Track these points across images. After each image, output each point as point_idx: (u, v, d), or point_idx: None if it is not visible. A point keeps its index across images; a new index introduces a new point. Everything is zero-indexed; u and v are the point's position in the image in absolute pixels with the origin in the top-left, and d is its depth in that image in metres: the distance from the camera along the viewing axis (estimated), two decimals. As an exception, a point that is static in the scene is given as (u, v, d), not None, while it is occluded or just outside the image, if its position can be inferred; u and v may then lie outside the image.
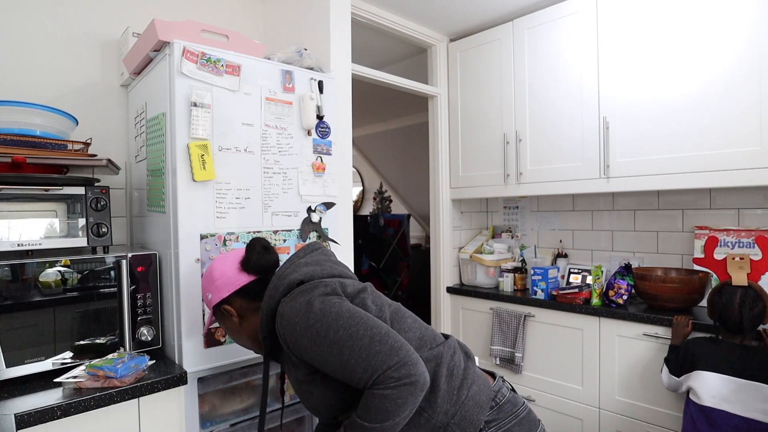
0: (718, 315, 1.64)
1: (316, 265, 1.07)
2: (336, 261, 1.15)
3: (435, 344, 1.03)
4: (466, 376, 0.99)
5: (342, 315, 0.92)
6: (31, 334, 1.22)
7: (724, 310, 1.61)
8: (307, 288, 0.99)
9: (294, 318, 0.94)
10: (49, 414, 1.07)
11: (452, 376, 0.98)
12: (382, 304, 1.04)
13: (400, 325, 1.02)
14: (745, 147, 1.78)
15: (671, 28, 1.94)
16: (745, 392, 1.50)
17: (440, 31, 2.74)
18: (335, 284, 0.99)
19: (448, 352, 1.02)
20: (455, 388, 0.97)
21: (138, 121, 1.67)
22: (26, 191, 1.29)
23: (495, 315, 2.44)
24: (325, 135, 1.71)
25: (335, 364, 0.90)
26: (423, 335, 1.04)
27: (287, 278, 1.03)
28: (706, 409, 1.55)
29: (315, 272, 1.04)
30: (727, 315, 1.60)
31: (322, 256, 1.12)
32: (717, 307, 1.65)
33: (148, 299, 1.40)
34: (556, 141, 2.31)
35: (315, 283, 1.00)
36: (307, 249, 1.14)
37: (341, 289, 0.99)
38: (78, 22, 1.72)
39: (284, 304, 0.98)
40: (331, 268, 1.08)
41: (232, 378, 1.52)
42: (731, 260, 1.97)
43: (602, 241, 2.54)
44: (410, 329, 1.03)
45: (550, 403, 2.27)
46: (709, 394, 1.55)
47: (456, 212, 2.87)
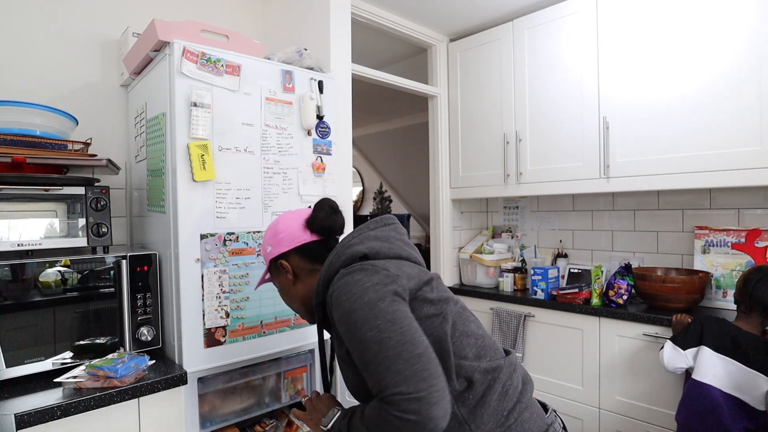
0: (752, 290, 1.58)
1: (384, 241, 1.00)
2: (406, 241, 1.05)
3: (495, 357, 0.94)
4: (521, 400, 0.91)
5: (383, 315, 0.82)
6: (31, 334, 1.22)
7: (760, 284, 1.56)
8: (369, 269, 0.90)
9: (342, 296, 0.88)
10: (49, 414, 1.07)
11: (506, 395, 0.90)
12: (446, 299, 0.95)
13: (463, 327, 0.93)
14: (745, 147, 1.78)
15: (671, 28, 1.94)
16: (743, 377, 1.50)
17: (440, 31, 2.74)
18: (399, 276, 0.89)
19: (508, 369, 0.93)
20: (506, 408, 0.89)
21: (138, 121, 1.67)
22: (26, 191, 1.29)
23: (495, 315, 2.44)
24: (325, 135, 1.71)
25: (357, 357, 0.85)
26: (485, 344, 0.94)
27: (352, 248, 0.97)
28: (704, 385, 1.55)
29: (382, 249, 0.97)
30: (762, 290, 1.55)
31: (393, 233, 1.03)
32: (752, 282, 1.59)
33: (148, 299, 1.40)
34: (556, 141, 2.31)
35: (378, 266, 0.90)
36: (379, 221, 1.06)
37: (403, 283, 0.89)
38: (78, 22, 1.72)
39: (341, 277, 0.91)
40: (399, 248, 0.99)
41: (232, 378, 1.52)
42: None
43: (602, 241, 2.54)
44: (472, 335, 0.93)
45: (550, 403, 2.26)
46: (711, 372, 1.55)
47: (456, 212, 2.87)
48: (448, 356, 0.87)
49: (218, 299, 1.43)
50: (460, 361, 0.88)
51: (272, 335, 1.56)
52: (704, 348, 1.58)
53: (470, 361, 0.89)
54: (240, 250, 1.48)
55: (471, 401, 0.87)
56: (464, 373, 0.88)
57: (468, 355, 0.90)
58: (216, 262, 1.43)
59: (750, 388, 1.49)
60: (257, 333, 1.52)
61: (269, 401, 1.61)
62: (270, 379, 1.62)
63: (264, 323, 1.54)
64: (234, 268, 1.47)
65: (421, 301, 0.91)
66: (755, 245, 2.00)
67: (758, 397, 1.48)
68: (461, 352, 0.90)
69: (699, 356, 1.60)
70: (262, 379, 1.60)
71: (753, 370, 1.49)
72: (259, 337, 1.52)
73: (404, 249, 1.00)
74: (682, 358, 1.66)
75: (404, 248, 1.01)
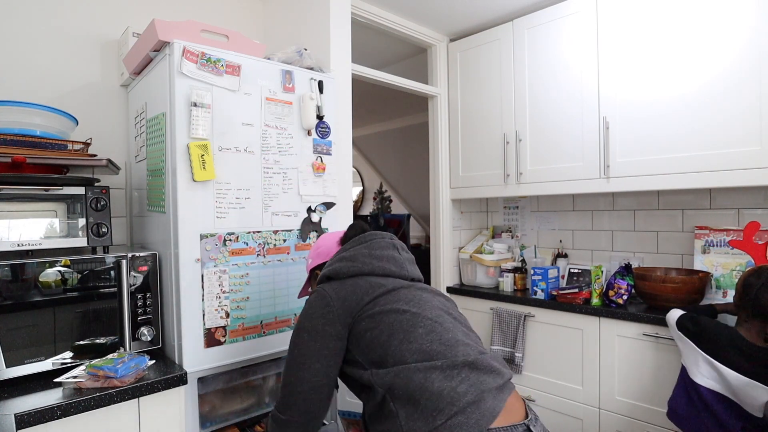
0: (754, 297, 1.53)
1: (350, 260, 1.14)
2: (378, 255, 1.15)
3: (442, 358, 0.96)
4: (454, 403, 0.89)
5: (298, 346, 1.06)
6: (31, 334, 1.22)
7: (762, 290, 1.52)
8: (319, 293, 1.09)
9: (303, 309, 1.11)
10: (49, 414, 1.07)
11: (440, 396, 0.90)
12: (388, 311, 1.03)
13: (404, 335, 0.99)
14: (745, 147, 1.78)
15: (671, 28, 1.94)
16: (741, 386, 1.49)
17: (440, 31, 2.74)
18: (334, 304, 1.05)
19: (454, 371, 0.94)
20: (435, 409, 0.89)
21: (138, 121, 1.67)
22: (26, 191, 1.29)
23: (495, 315, 2.44)
24: (325, 135, 1.71)
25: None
26: (430, 349, 0.97)
27: (324, 270, 1.17)
28: (699, 386, 1.55)
29: (342, 269, 1.13)
30: (765, 296, 1.51)
31: (364, 250, 1.16)
32: (753, 288, 1.54)
33: (148, 299, 1.40)
34: (556, 141, 2.31)
35: (327, 292, 1.08)
36: (356, 240, 1.20)
37: (341, 304, 1.05)
38: (78, 22, 1.72)
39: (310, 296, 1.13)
40: (362, 266, 1.13)
41: (232, 378, 1.52)
42: None
43: (602, 241, 2.54)
44: (416, 341, 0.98)
45: (550, 403, 2.27)
46: (707, 375, 1.54)
47: (456, 212, 2.87)
48: (384, 361, 0.98)
49: (218, 299, 1.43)
50: (397, 366, 0.96)
51: (272, 335, 1.56)
52: (701, 353, 1.58)
53: (407, 364, 0.95)
54: (240, 250, 1.48)
55: (403, 399, 0.93)
56: (398, 373, 0.95)
57: (408, 360, 0.96)
58: (216, 262, 1.43)
59: (747, 396, 1.47)
60: (257, 333, 1.52)
61: (269, 401, 1.61)
62: (270, 379, 1.62)
63: (264, 323, 1.54)
64: (234, 268, 1.47)
65: (361, 318, 1.04)
66: (754, 242, 1.98)
67: (757, 406, 1.47)
68: (402, 359, 0.97)
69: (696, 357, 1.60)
70: (262, 379, 1.60)
71: (753, 381, 1.47)
72: (259, 337, 1.52)
73: (368, 265, 1.13)
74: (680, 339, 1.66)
75: (370, 263, 1.13)
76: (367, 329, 1.02)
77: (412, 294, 1.09)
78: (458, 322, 1.08)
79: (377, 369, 0.98)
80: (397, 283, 1.11)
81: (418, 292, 1.10)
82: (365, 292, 1.06)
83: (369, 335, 1.01)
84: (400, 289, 1.09)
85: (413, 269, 1.21)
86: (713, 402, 1.52)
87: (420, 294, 1.10)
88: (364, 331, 1.02)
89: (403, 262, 1.18)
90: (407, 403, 0.92)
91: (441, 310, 1.08)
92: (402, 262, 1.18)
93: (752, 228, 2.00)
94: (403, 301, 1.06)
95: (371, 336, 1.01)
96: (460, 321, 1.10)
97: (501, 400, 0.94)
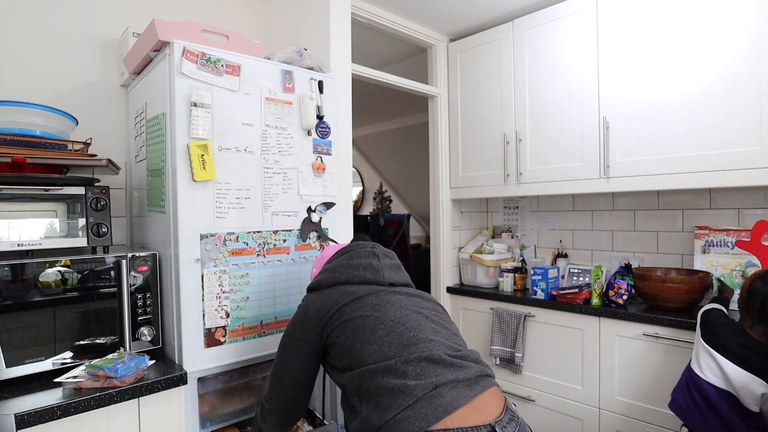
0: (759, 304, 1.50)
1: (330, 272, 1.23)
2: (355, 264, 1.23)
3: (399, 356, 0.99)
4: (405, 398, 0.91)
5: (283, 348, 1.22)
6: (31, 334, 1.22)
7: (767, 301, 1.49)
8: (302, 304, 1.21)
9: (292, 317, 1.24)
10: (49, 414, 1.07)
11: (392, 392, 0.93)
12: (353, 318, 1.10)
13: (366, 338, 1.05)
14: (745, 147, 1.78)
15: (671, 28, 1.94)
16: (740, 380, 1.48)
17: (440, 31, 2.74)
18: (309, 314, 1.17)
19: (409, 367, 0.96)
20: (389, 405, 0.92)
21: (138, 121, 1.67)
22: (26, 191, 1.29)
23: (495, 315, 2.44)
24: (325, 135, 1.71)
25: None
26: (388, 349, 1.01)
27: (310, 282, 1.27)
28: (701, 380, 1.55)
29: (323, 280, 1.23)
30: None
31: (344, 261, 1.25)
32: (759, 295, 1.50)
33: (148, 299, 1.40)
34: (556, 141, 2.31)
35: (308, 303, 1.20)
36: (339, 252, 1.29)
37: (314, 313, 1.16)
38: (78, 22, 1.72)
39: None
40: (339, 275, 1.21)
41: (232, 378, 1.52)
42: None
43: (602, 241, 2.54)
44: (375, 342, 1.03)
45: (550, 403, 2.27)
46: (707, 368, 1.54)
47: (456, 212, 2.87)
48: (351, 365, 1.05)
49: (218, 299, 1.43)
50: (360, 368, 1.02)
51: (272, 335, 1.56)
52: (703, 343, 1.58)
53: (367, 366, 1.01)
54: (240, 250, 1.48)
55: (366, 398, 0.98)
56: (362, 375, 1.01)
57: (368, 360, 1.02)
58: (216, 262, 1.43)
59: (743, 389, 1.47)
60: (257, 333, 1.52)
61: (269, 401, 1.61)
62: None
63: (264, 323, 1.54)
64: (234, 268, 1.47)
65: (330, 326, 1.12)
66: (762, 243, 1.95)
67: (753, 400, 1.47)
68: (363, 361, 1.02)
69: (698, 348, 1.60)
70: (262, 379, 1.60)
71: (749, 373, 1.47)
72: (259, 337, 1.52)
73: (344, 275, 1.21)
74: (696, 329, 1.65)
75: (345, 274, 1.22)
76: (338, 336, 1.10)
77: (381, 298, 1.14)
78: (428, 320, 1.11)
79: (348, 373, 1.06)
80: (371, 289, 1.17)
81: (388, 296, 1.15)
82: (335, 302, 1.14)
83: (339, 342, 1.09)
84: (368, 296, 1.14)
85: (392, 274, 1.25)
86: (712, 395, 1.52)
87: (389, 297, 1.14)
88: (335, 338, 1.10)
89: (380, 269, 1.23)
90: (369, 401, 0.97)
91: (409, 310, 1.11)
92: (379, 269, 1.23)
93: (761, 228, 1.97)
94: (368, 306, 1.11)
95: (341, 342, 1.09)
96: (432, 319, 1.11)
97: (464, 396, 0.92)
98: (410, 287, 1.25)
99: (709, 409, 1.53)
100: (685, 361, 1.77)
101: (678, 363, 1.85)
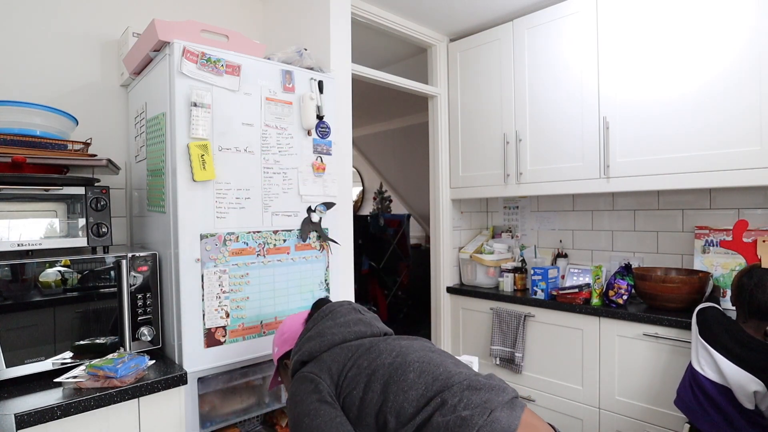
0: (748, 297, 1.55)
1: (318, 337, 1.12)
2: (343, 322, 1.14)
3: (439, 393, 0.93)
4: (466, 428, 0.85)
5: (298, 427, 0.99)
6: (31, 334, 1.22)
7: (756, 290, 1.53)
8: (300, 378, 1.06)
9: (288, 407, 1.06)
10: (49, 414, 1.07)
11: (447, 428, 0.87)
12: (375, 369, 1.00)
13: (398, 385, 0.95)
14: (745, 147, 1.78)
15: (671, 28, 1.94)
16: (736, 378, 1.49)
17: (440, 31, 2.74)
18: (320, 378, 1.02)
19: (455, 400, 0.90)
20: None
21: (138, 121, 1.67)
22: (26, 191, 1.29)
23: (495, 315, 2.44)
24: (325, 135, 1.71)
25: None
26: (425, 391, 0.94)
27: (294, 357, 1.13)
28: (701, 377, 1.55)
29: (314, 348, 1.10)
30: (758, 297, 1.52)
31: (329, 323, 1.15)
32: (747, 289, 1.56)
33: (148, 299, 1.40)
34: (556, 141, 2.31)
35: (307, 375, 1.05)
36: (316, 318, 1.18)
37: (327, 377, 1.02)
38: (78, 22, 1.72)
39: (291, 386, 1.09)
40: (332, 337, 1.11)
41: (232, 378, 1.52)
42: (762, 243, 1.94)
43: (602, 241, 2.54)
44: (411, 388, 0.95)
45: (550, 403, 2.27)
46: (706, 365, 1.55)
47: (456, 212, 2.87)
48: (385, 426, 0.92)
49: (218, 299, 1.43)
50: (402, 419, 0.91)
51: (272, 335, 1.55)
52: (705, 343, 1.58)
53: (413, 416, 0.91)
54: (240, 250, 1.48)
55: None
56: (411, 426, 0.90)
57: (409, 411, 0.92)
58: (216, 262, 1.43)
59: (737, 385, 1.48)
60: (257, 333, 1.52)
61: (269, 401, 1.61)
62: (270, 379, 1.62)
63: (264, 323, 1.54)
64: (234, 268, 1.47)
65: (349, 387, 1.00)
66: (744, 241, 2.00)
67: (747, 397, 1.47)
68: (404, 412, 0.92)
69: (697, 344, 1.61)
70: (263, 379, 1.60)
71: (743, 370, 1.48)
72: (259, 337, 1.52)
73: (339, 334, 1.11)
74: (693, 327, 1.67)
75: (339, 333, 1.12)
76: (361, 398, 0.98)
77: (391, 345, 1.06)
78: (442, 356, 1.05)
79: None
80: (373, 340, 1.09)
81: (395, 342, 1.08)
82: (346, 358, 1.05)
83: (364, 403, 0.97)
84: (378, 344, 1.07)
85: (381, 325, 1.19)
86: (713, 392, 1.52)
87: (398, 342, 1.08)
88: (359, 401, 0.98)
89: (371, 321, 1.18)
90: None
91: (424, 351, 1.05)
92: (369, 321, 1.17)
93: (741, 227, 2.01)
94: (385, 353, 1.03)
95: (366, 403, 0.97)
96: (444, 355, 1.07)
97: (515, 417, 0.89)
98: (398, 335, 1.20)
99: (710, 405, 1.54)
100: (686, 361, 1.77)
101: (678, 363, 1.85)
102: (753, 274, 1.57)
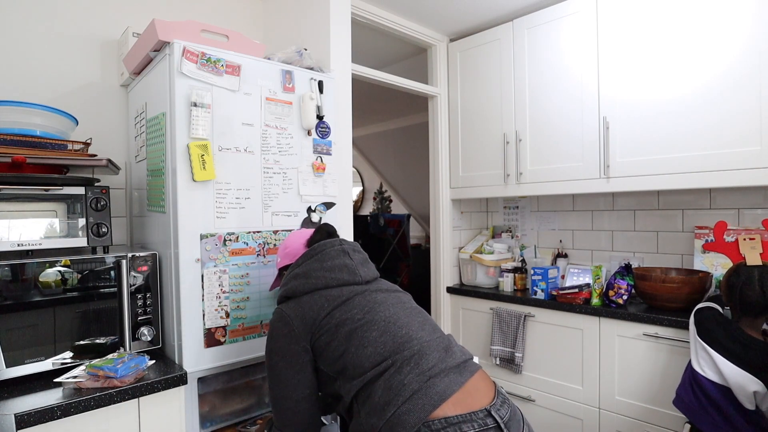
0: (738, 296, 1.56)
1: (303, 277, 1.20)
2: (330, 267, 1.20)
3: (395, 355, 1.02)
4: (401, 394, 0.94)
5: (272, 368, 1.14)
6: (31, 334, 1.22)
7: (744, 288, 1.54)
8: (279, 315, 1.17)
9: (267, 333, 1.20)
10: (49, 414, 1.07)
11: (389, 390, 0.96)
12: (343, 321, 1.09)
13: (359, 341, 1.06)
14: (745, 147, 1.78)
15: (671, 28, 1.94)
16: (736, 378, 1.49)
17: (440, 31, 2.74)
18: (294, 323, 1.13)
19: (404, 364, 0.99)
20: (387, 403, 0.94)
21: (138, 121, 1.67)
22: (26, 191, 1.29)
23: (495, 315, 2.44)
24: (325, 135, 1.71)
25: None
26: (383, 350, 1.03)
27: (282, 290, 1.23)
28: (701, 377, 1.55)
29: (298, 287, 1.19)
30: (748, 294, 1.54)
31: (316, 264, 1.21)
32: (736, 287, 1.57)
33: (148, 299, 1.40)
34: (556, 141, 2.31)
35: (286, 313, 1.15)
36: (307, 255, 1.25)
37: (300, 323, 1.12)
38: (78, 22, 1.72)
39: (272, 318, 1.20)
40: (316, 281, 1.18)
41: (232, 378, 1.52)
42: (743, 241, 1.96)
43: (602, 241, 2.54)
44: (370, 344, 1.04)
45: (550, 403, 2.27)
46: (706, 366, 1.55)
47: (456, 212, 2.87)
48: (346, 369, 1.05)
49: (218, 299, 1.43)
50: (359, 375, 1.02)
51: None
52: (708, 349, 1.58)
53: (365, 371, 1.02)
54: (240, 250, 1.48)
55: (364, 400, 0.99)
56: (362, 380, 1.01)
57: (365, 364, 1.02)
58: (216, 262, 1.43)
59: (736, 385, 1.48)
60: (257, 333, 1.52)
61: (269, 401, 1.61)
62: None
63: (264, 323, 1.54)
64: (234, 268, 1.47)
65: (320, 333, 1.10)
66: (725, 241, 2.02)
67: (747, 398, 1.47)
68: (361, 366, 1.02)
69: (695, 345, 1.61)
70: (263, 379, 1.60)
71: (742, 370, 1.48)
72: (259, 337, 1.52)
73: (321, 279, 1.18)
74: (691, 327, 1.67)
75: (322, 278, 1.18)
76: (327, 342, 1.09)
77: (366, 299, 1.14)
78: (412, 313, 1.15)
79: (343, 380, 1.05)
80: (354, 290, 1.17)
81: (372, 295, 1.16)
82: (321, 308, 1.13)
83: (330, 348, 1.08)
84: (354, 297, 1.14)
85: (366, 271, 1.24)
86: (713, 392, 1.52)
87: (374, 296, 1.16)
88: (325, 345, 1.09)
89: (356, 268, 1.22)
90: (366, 402, 0.99)
91: (396, 308, 1.14)
92: (354, 268, 1.22)
93: (720, 228, 2.04)
94: (358, 308, 1.12)
95: (332, 348, 1.08)
96: (414, 312, 1.16)
97: (456, 382, 0.96)
98: (382, 280, 1.26)
99: (710, 405, 1.54)
100: (685, 361, 1.77)
101: (678, 363, 1.85)
102: (740, 272, 1.59)
